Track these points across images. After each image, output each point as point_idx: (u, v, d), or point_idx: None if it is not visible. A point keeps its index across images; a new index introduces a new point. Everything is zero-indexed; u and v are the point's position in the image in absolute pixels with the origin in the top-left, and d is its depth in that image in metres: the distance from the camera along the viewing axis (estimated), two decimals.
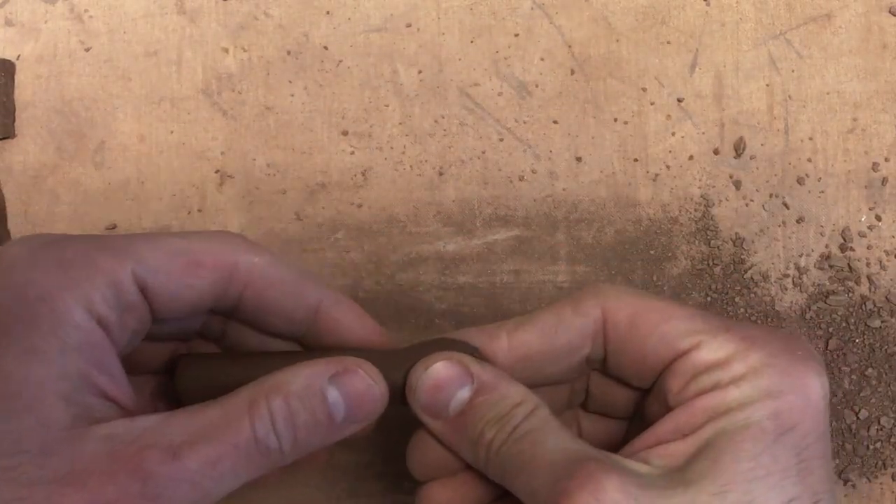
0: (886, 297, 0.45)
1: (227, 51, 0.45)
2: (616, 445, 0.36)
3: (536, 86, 0.46)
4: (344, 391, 0.32)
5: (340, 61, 0.45)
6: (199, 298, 0.34)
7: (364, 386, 0.33)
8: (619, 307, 0.34)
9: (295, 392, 0.31)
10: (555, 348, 0.35)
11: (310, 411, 0.31)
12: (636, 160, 0.46)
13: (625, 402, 0.37)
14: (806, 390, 0.32)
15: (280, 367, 0.32)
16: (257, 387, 0.31)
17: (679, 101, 0.46)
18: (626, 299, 0.34)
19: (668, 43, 0.46)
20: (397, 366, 0.34)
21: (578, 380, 0.37)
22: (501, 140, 0.45)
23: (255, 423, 0.30)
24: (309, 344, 0.36)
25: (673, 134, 0.46)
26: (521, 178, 0.45)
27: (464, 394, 0.33)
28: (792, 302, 0.45)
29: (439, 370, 0.34)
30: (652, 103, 0.46)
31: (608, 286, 0.35)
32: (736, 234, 0.45)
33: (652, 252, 0.45)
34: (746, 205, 0.45)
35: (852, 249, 0.45)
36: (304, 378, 0.32)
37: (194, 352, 0.37)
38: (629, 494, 0.29)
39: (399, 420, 0.44)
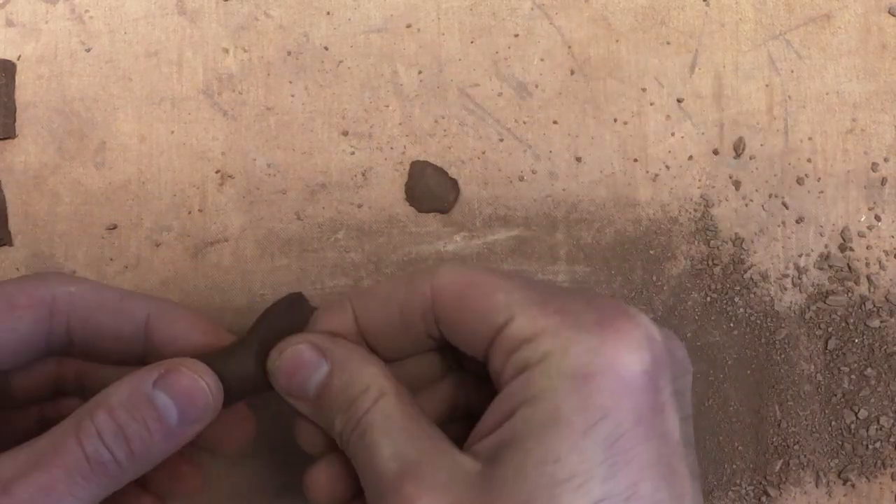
0: (886, 297, 0.45)
1: (227, 51, 0.45)
2: None
3: (536, 86, 0.46)
4: (171, 392, 0.31)
5: (341, 62, 0.45)
6: (25, 340, 0.33)
7: (190, 382, 0.32)
8: (447, 285, 0.32)
9: (118, 403, 0.31)
10: (392, 322, 0.34)
11: (139, 420, 0.31)
12: (636, 160, 0.46)
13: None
14: (618, 369, 0.29)
15: None
16: (83, 408, 0.31)
17: (679, 101, 0.46)
18: (455, 277, 0.33)
19: (668, 43, 0.46)
20: (238, 355, 0.33)
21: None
22: (501, 140, 0.45)
23: (82, 441, 0.30)
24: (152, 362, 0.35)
25: (672, 134, 0.46)
26: (521, 179, 0.45)
27: (320, 375, 0.33)
28: (791, 302, 0.45)
29: (293, 353, 0.33)
30: (652, 104, 0.46)
31: (443, 265, 0.33)
32: (735, 234, 0.45)
33: (651, 252, 0.45)
34: (746, 205, 0.46)
35: (851, 249, 0.45)
36: (126, 388, 0.31)
37: None
38: None
39: None
